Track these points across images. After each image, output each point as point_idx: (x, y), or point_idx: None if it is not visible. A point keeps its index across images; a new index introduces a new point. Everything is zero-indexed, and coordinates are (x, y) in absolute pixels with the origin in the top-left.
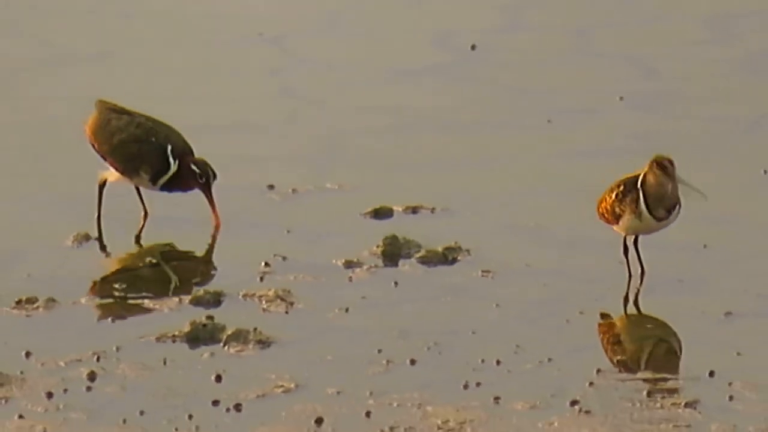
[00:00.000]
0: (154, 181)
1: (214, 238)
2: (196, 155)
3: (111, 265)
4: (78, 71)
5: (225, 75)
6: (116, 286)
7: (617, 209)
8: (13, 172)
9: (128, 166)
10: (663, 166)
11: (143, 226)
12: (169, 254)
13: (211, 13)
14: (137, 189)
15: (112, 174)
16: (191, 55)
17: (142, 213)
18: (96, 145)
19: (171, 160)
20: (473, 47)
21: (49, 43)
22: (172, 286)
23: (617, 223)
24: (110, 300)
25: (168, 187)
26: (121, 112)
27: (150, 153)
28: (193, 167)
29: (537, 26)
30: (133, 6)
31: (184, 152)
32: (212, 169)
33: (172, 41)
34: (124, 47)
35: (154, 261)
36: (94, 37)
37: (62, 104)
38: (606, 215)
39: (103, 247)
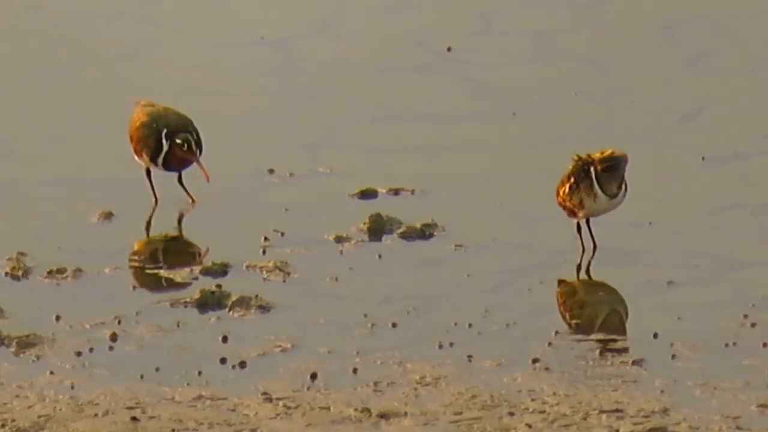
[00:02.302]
0: (153, 161)
1: (207, 180)
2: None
3: (132, 240)
4: (101, 69)
5: (230, 73)
6: (136, 258)
7: (574, 201)
8: (44, 155)
9: (136, 148)
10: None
11: (154, 210)
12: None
13: (219, 18)
14: (148, 175)
15: (134, 156)
16: (200, 56)
17: (153, 199)
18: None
19: (164, 141)
20: (449, 49)
21: (78, 44)
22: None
23: (578, 213)
24: (130, 270)
25: (167, 165)
26: (149, 105)
27: (149, 137)
28: (177, 140)
29: (506, 31)
30: (151, 11)
31: (175, 133)
32: (193, 138)
33: (183, 43)
34: (142, 48)
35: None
36: (119, 39)
37: (88, 96)
38: (566, 209)
39: (129, 224)
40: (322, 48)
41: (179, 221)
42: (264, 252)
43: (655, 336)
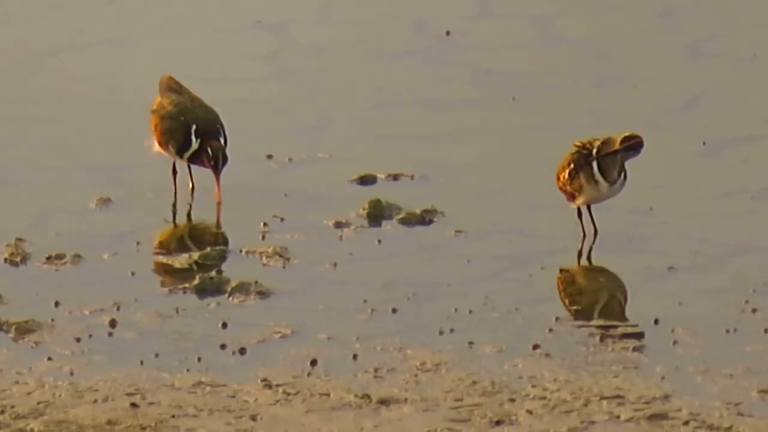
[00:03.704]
0: (180, 155)
1: (217, 210)
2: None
3: (130, 226)
4: (95, 54)
5: (228, 58)
6: (134, 244)
7: (574, 186)
8: (40, 142)
9: (162, 140)
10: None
11: (192, 198)
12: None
13: (216, 3)
14: (188, 166)
15: (154, 145)
16: (196, 41)
17: (190, 186)
18: (150, 118)
19: (193, 138)
20: (448, 33)
21: (68, 30)
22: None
23: (577, 199)
24: (129, 256)
25: (192, 161)
26: (175, 90)
27: (177, 130)
28: (208, 150)
29: (505, 15)
30: None
31: (207, 133)
32: (223, 155)
33: (179, 28)
34: (135, 33)
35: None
36: (110, 24)
37: (82, 83)
38: (566, 194)
39: (128, 210)
40: (319, 33)
41: (188, 213)
42: (263, 237)
43: (656, 322)
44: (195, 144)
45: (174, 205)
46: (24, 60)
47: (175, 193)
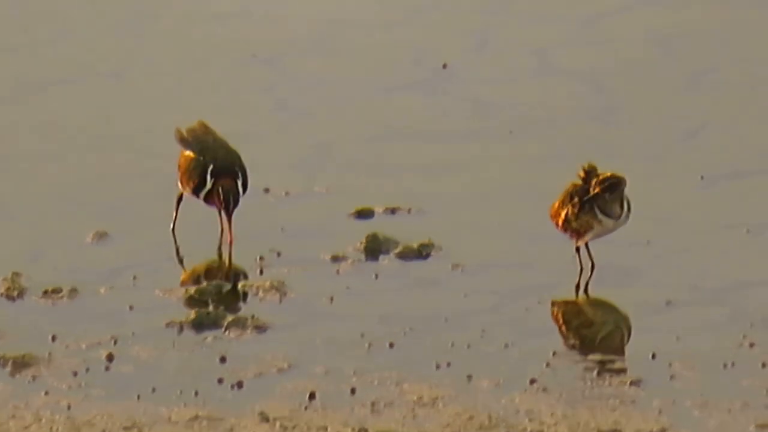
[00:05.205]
0: (196, 193)
1: (229, 250)
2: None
3: (127, 260)
4: (93, 87)
5: (225, 91)
6: (131, 278)
7: (581, 223)
8: (37, 175)
9: (182, 178)
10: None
11: (221, 240)
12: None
13: (212, 35)
14: (177, 202)
15: (178, 185)
16: (194, 74)
17: (220, 229)
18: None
19: (208, 177)
20: (445, 66)
21: (68, 61)
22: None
23: (584, 236)
24: (126, 290)
25: (207, 200)
26: (202, 132)
27: (196, 169)
28: (219, 191)
29: (500, 48)
30: (142, 28)
31: (222, 173)
32: (234, 198)
33: (176, 62)
34: (133, 66)
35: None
36: (108, 57)
37: (80, 115)
38: (570, 231)
39: (121, 243)
40: (317, 66)
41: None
42: (260, 272)
43: (654, 356)
44: (209, 183)
45: (173, 231)
46: (21, 92)
47: (175, 219)
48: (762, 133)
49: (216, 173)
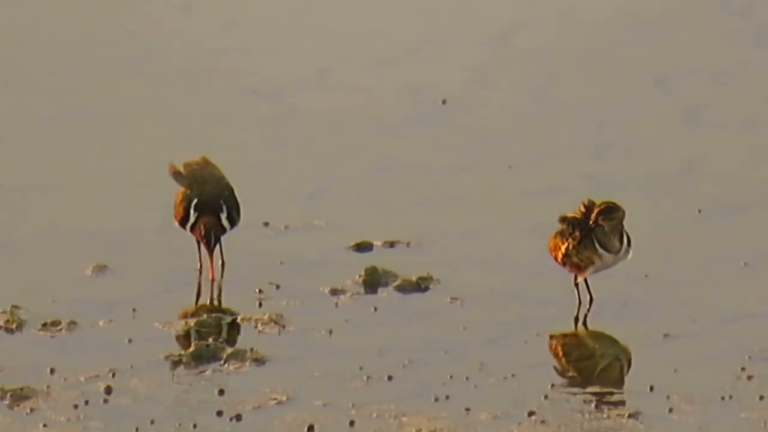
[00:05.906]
0: (182, 226)
1: (211, 287)
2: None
3: (126, 292)
4: (94, 121)
5: (225, 126)
6: (130, 311)
7: (581, 258)
8: (36, 208)
9: (173, 212)
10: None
11: (200, 277)
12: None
13: (213, 71)
14: (198, 245)
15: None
16: (194, 109)
17: (198, 265)
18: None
19: (191, 212)
20: (444, 101)
21: (69, 95)
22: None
23: (585, 271)
24: (125, 323)
25: (193, 233)
26: (200, 167)
27: (182, 203)
28: (200, 227)
29: (499, 84)
30: (143, 63)
31: (206, 208)
32: (216, 235)
33: (177, 96)
34: (134, 101)
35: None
36: (109, 91)
37: (80, 149)
38: (570, 266)
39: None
40: (316, 100)
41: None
42: (259, 304)
43: (651, 389)
44: (192, 217)
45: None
46: (21, 125)
47: (201, 267)
48: (758, 166)
49: (199, 208)
